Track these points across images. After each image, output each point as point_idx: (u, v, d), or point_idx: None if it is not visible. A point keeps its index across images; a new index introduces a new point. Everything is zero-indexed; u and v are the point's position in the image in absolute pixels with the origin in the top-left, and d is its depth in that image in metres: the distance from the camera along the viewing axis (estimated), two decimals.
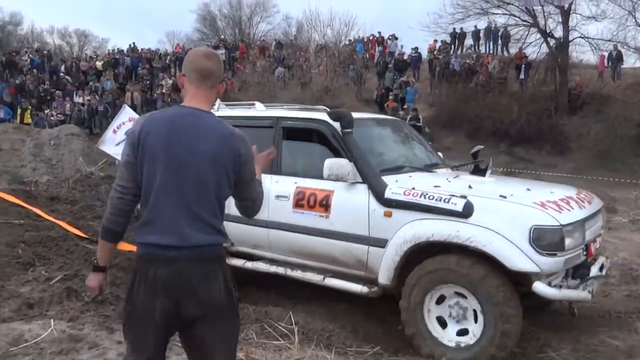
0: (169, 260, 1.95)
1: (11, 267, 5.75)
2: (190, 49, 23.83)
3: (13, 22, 49.67)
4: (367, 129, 4.82)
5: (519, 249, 3.36)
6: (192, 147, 1.99)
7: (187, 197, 1.98)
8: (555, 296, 3.49)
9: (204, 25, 47.75)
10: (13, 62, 27.81)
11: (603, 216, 4.33)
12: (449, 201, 3.58)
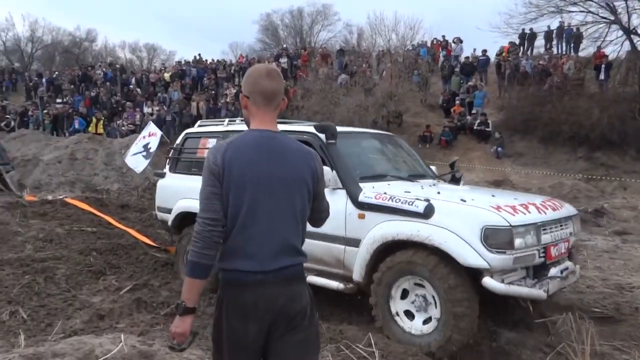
0: (256, 283, 1.93)
1: (83, 275, 5.77)
2: (254, 59, 24.13)
3: (89, 39, 52.47)
4: (352, 141, 5.22)
5: (471, 247, 3.66)
6: (277, 172, 2.00)
7: (274, 222, 1.99)
8: (503, 291, 3.70)
9: (266, 36, 48.52)
10: (88, 76, 29.25)
11: (574, 225, 4.47)
12: (412, 204, 3.91)
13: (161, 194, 6.23)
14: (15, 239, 6.99)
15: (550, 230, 4.05)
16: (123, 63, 42.45)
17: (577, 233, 4.63)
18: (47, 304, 4.66)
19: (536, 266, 3.97)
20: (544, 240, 3.94)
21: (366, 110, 16.62)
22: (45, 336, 3.96)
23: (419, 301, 3.98)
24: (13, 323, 4.20)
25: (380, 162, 5.45)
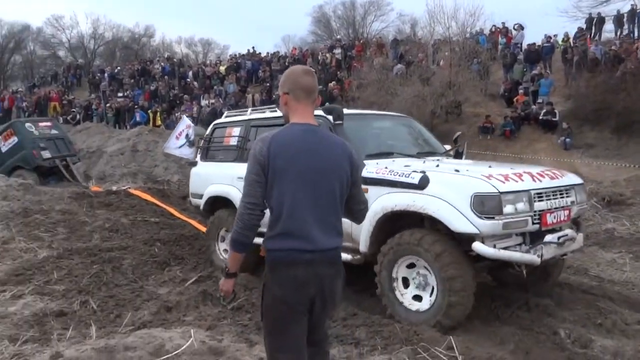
0: (306, 262, 2.19)
1: (149, 266, 5.79)
2: (307, 50, 24.00)
3: (147, 35, 54.05)
4: (361, 122, 5.55)
5: (462, 214, 3.83)
6: (319, 163, 2.22)
7: (318, 208, 2.22)
8: (493, 255, 3.84)
9: (318, 28, 48.38)
10: (147, 70, 30.06)
11: (577, 194, 4.50)
12: (408, 176, 4.12)
13: (194, 181, 6.63)
14: (83, 229, 7.15)
15: (547, 197, 4.14)
16: (179, 58, 43.42)
17: (582, 202, 4.65)
18: (115, 295, 4.67)
19: (533, 233, 4.06)
20: (538, 207, 4.03)
21: (424, 100, 16.10)
22: (115, 327, 3.94)
23: (419, 279, 4.18)
24: (84, 313, 4.22)
25: (388, 141, 5.65)
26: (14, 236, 6.33)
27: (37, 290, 4.60)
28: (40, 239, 6.37)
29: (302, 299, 2.21)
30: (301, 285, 2.20)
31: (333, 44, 26.79)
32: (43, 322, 3.94)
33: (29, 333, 3.68)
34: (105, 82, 29.64)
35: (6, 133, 12.54)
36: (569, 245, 4.25)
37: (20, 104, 28.28)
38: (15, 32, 51.77)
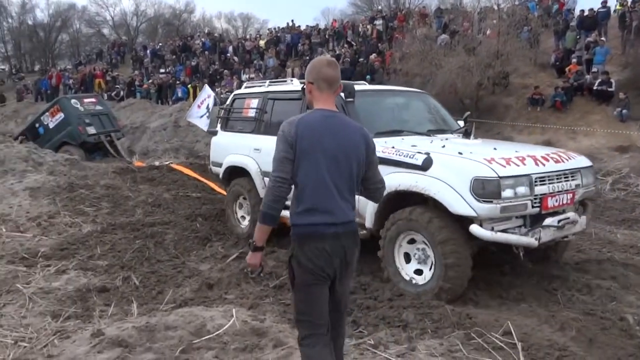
0: (333, 235, 2.38)
1: (190, 241, 5.74)
2: (348, 22, 23.44)
3: (187, 10, 54.29)
4: (373, 98, 5.53)
5: (461, 197, 3.88)
6: (340, 144, 2.42)
7: (339, 186, 2.41)
8: (489, 237, 3.90)
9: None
10: (188, 46, 30.17)
11: (584, 177, 4.46)
12: (413, 157, 4.19)
13: (214, 149, 6.85)
14: (127, 204, 7.18)
15: (550, 181, 4.15)
16: (220, 33, 43.44)
17: (589, 185, 4.57)
18: (157, 270, 4.63)
19: (533, 215, 4.08)
20: (539, 191, 4.05)
21: (469, 71, 15.43)
22: (156, 304, 3.89)
23: (420, 254, 4.28)
24: (126, 289, 4.18)
25: (400, 118, 5.70)
26: (60, 210, 6.41)
27: (80, 265, 4.60)
28: (84, 214, 6.43)
29: (329, 269, 2.41)
30: (330, 256, 2.39)
31: (374, 15, 26.07)
32: (86, 297, 3.93)
33: (71, 309, 3.67)
34: (148, 59, 29.98)
35: (53, 109, 12.79)
36: (569, 228, 4.25)
37: (67, 81, 28.99)
38: (62, 11, 52.96)
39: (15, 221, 5.95)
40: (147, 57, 30.41)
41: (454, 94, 15.41)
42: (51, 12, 52.86)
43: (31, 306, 3.68)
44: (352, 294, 4.17)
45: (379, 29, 23.30)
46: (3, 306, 3.70)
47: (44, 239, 5.39)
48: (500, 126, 14.60)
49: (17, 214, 6.25)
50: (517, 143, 6.13)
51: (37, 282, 4.11)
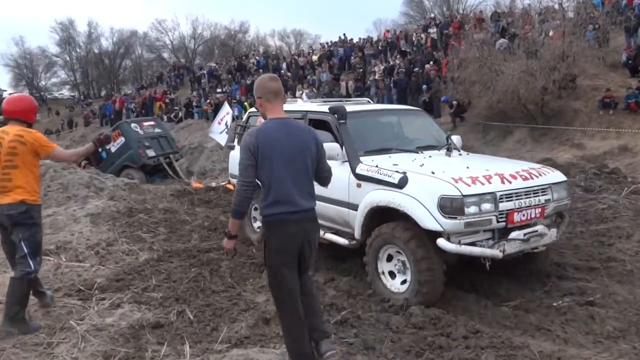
0: (296, 221, 2.97)
1: (246, 268, 5.53)
2: (401, 32, 23.00)
3: (242, 30, 55.65)
4: (365, 119, 5.90)
5: (430, 213, 4.24)
6: (294, 146, 2.95)
7: (298, 180, 2.97)
8: (454, 250, 4.23)
9: (410, 8, 46.84)
10: (243, 65, 30.72)
11: (555, 192, 4.73)
12: (391, 176, 4.61)
13: (231, 163, 7.32)
14: (184, 228, 7.10)
15: (517, 197, 4.45)
16: (273, 50, 44.07)
17: (561, 199, 4.83)
18: (212, 303, 4.41)
19: (501, 229, 4.42)
20: (505, 207, 4.37)
21: (532, 75, 14.61)
22: (211, 342, 3.65)
23: (399, 266, 4.64)
24: (180, 324, 3.99)
25: (390, 136, 6.04)
26: (118, 237, 6.38)
27: (135, 298, 4.46)
28: (142, 240, 6.37)
29: (293, 248, 3.00)
30: (292, 237, 2.99)
31: (427, 24, 25.54)
32: (139, 335, 3.75)
33: (123, 349, 3.49)
34: (205, 79, 30.72)
35: (114, 134, 13.16)
36: (537, 240, 4.53)
37: (129, 105, 30.15)
38: (125, 38, 55.63)
39: (75, 249, 5.95)
40: (204, 78, 31.17)
41: (517, 100, 14.65)
42: (115, 40, 55.68)
43: (83, 346, 3.54)
44: (421, 329, 3.80)
45: (434, 37, 22.74)
46: (56, 345, 3.58)
47: (101, 269, 5.32)
48: (569, 132, 13.70)
49: (78, 242, 6.27)
50: (499, 159, 6.35)
51: (90, 318, 3.98)
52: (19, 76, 57.28)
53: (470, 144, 15.02)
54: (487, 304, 4.55)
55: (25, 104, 4.06)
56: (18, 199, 3.76)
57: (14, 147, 3.76)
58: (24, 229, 3.80)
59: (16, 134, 3.80)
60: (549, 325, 3.94)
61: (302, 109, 6.24)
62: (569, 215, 5.49)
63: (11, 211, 3.75)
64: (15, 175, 3.77)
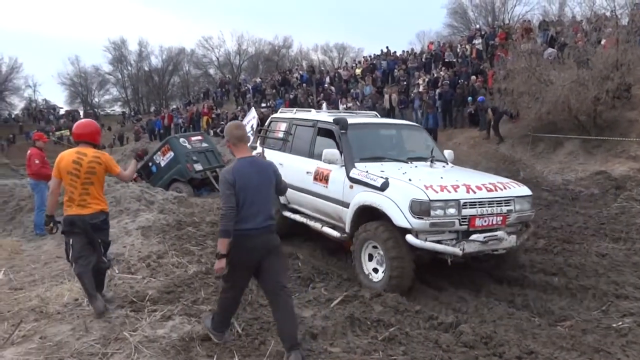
0: (258, 235, 3.72)
1: (292, 282, 5.55)
2: (445, 44, 22.72)
3: (285, 46, 56.58)
4: (362, 130, 6.66)
5: (403, 213, 5.06)
6: (261, 178, 3.81)
7: (261, 204, 3.77)
8: (418, 245, 5.02)
9: (454, 19, 46.41)
10: (287, 80, 31.15)
11: (518, 204, 5.35)
12: (376, 180, 5.44)
13: None
14: None
15: (481, 206, 5.15)
16: (316, 64, 44.50)
17: (524, 210, 5.43)
18: (260, 317, 4.44)
19: (464, 231, 5.11)
20: (468, 213, 5.08)
21: (584, 85, 14.11)
22: (259, 357, 3.68)
23: (379, 259, 5.39)
24: (228, 337, 4.02)
25: (385, 147, 6.82)
26: (168, 250, 6.53)
27: (185, 310, 4.54)
28: (190, 253, 6.50)
29: (252, 260, 3.74)
30: (254, 247, 3.71)
31: (472, 35, 25.18)
32: (189, 347, 3.81)
33: None
34: (250, 94, 31.30)
35: (164, 148, 13.54)
36: (495, 244, 5.16)
37: (177, 120, 31.04)
38: (173, 56, 57.51)
39: (127, 261, 6.13)
40: (249, 93, 31.76)
41: (568, 111, 14.16)
42: (164, 58, 57.67)
43: (136, 357, 3.62)
44: (472, 348, 3.71)
45: (479, 48, 22.38)
46: (111, 356, 3.68)
47: (152, 281, 5.46)
48: (624, 144, 13.13)
49: (130, 254, 6.46)
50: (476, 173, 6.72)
51: (143, 329, 4.08)
52: (74, 94, 60.15)
53: (519, 156, 14.65)
54: (540, 322, 4.39)
55: (93, 128, 4.76)
56: (98, 209, 4.53)
57: (93, 167, 4.49)
58: (103, 233, 4.60)
59: (94, 155, 4.54)
60: (608, 348, 3.77)
61: (314, 119, 7.16)
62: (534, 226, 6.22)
63: (94, 220, 4.49)
64: (92, 190, 4.50)
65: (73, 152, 4.55)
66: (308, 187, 6.64)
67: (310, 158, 6.73)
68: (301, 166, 6.80)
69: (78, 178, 4.45)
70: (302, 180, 6.71)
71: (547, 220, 8.25)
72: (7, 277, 5.97)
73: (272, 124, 8.09)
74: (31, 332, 4.09)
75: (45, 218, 4.72)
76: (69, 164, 4.45)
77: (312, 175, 6.53)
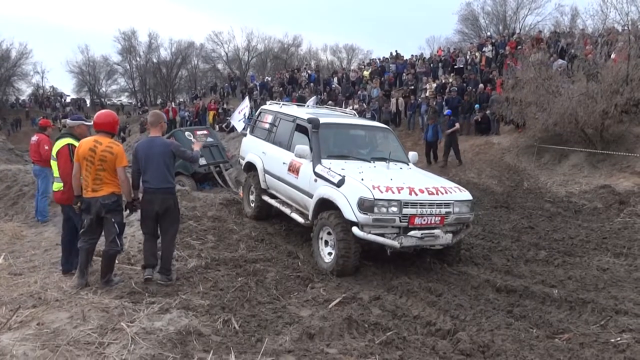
0: (152, 192, 5.14)
1: (292, 281, 5.55)
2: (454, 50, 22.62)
3: (295, 44, 56.49)
4: (333, 130, 7.35)
5: (352, 208, 5.72)
6: (151, 152, 5.15)
7: (153, 170, 5.12)
8: (362, 237, 5.69)
9: (465, 26, 46.27)
10: (294, 78, 31.12)
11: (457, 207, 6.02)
12: (334, 177, 6.13)
13: (242, 147, 9.32)
14: (231, 237, 7.20)
15: (421, 206, 5.80)
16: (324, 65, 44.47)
17: (462, 213, 6.08)
18: (257, 314, 4.44)
19: (404, 228, 5.77)
20: (407, 212, 5.73)
21: (593, 98, 14.07)
22: (255, 354, 3.67)
23: (332, 242, 6.03)
24: (226, 333, 4.03)
25: (351, 146, 7.40)
26: None
27: (183, 304, 4.54)
28: (191, 247, 6.50)
29: (152, 210, 5.15)
30: (150, 202, 5.14)
31: (482, 42, 25.12)
32: (186, 341, 3.80)
33: (171, 355, 3.55)
34: (257, 91, 31.27)
35: None
36: (431, 240, 5.87)
37: (183, 113, 31.04)
38: (182, 49, 57.45)
39: (127, 252, 6.13)
40: (256, 90, 31.73)
41: (575, 123, 14.10)
42: (173, 50, 57.55)
43: (133, 348, 3.62)
44: (469, 356, 3.69)
45: (488, 56, 22.33)
46: (107, 345, 3.68)
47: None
48: (630, 159, 13.08)
49: (130, 245, 6.47)
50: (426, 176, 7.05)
51: (140, 321, 4.08)
52: (82, 82, 60.16)
53: (523, 166, 14.61)
54: (538, 334, 4.37)
55: (111, 118, 5.18)
56: (110, 191, 4.96)
57: (105, 156, 4.91)
58: (116, 214, 5.03)
59: (108, 145, 4.95)
60: None
61: (294, 115, 7.85)
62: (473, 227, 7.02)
63: (106, 201, 4.93)
64: (104, 175, 4.94)
65: (91, 140, 4.99)
66: (283, 176, 7.39)
67: (287, 150, 7.42)
68: (280, 156, 7.56)
69: (92, 164, 4.89)
70: (279, 169, 7.51)
71: (549, 231, 8.22)
72: (7, 262, 5.99)
73: (261, 114, 8.89)
74: (29, 318, 4.09)
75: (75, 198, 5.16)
76: (86, 151, 4.90)
77: (287, 165, 7.25)
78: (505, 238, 7.83)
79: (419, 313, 4.65)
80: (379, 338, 3.92)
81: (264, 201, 8.05)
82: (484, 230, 8.27)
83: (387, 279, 5.83)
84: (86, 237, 5.04)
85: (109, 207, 4.94)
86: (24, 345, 3.53)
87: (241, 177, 15.97)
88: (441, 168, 15.26)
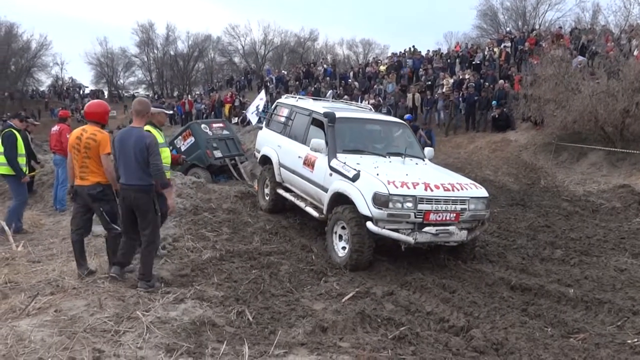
0: (125, 189, 4.78)
1: (305, 274, 5.58)
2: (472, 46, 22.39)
3: (311, 38, 56.46)
4: (349, 124, 7.30)
5: (366, 203, 5.69)
6: (126, 146, 4.74)
7: (125, 165, 4.76)
8: (376, 232, 5.66)
9: (483, 21, 45.80)
10: (310, 72, 31.09)
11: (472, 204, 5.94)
12: (349, 172, 6.13)
13: (258, 140, 9.31)
14: (246, 230, 7.24)
15: (437, 203, 5.73)
16: (341, 59, 44.35)
17: (478, 210, 6.01)
18: (271, 306, 4.47)
19: (419, 223, 5.71)
20: (423, 208, 5.67)
21: (613, 97, 13.83)
22: (268, 346, 3.69)
23: (345, 237, 6.00)
24: (240, 324, 4.06)
25: (367, 141, 7.33)
26: (184, 234, 6.59)
27: (197, 294, 4.58)
28: (206, 239, 6.55)
29: (127, 206, 4.79)
30: (123, 199, 4.80)
31: (501, 38, 24.81)
32: (200, 331, 3.84)
33: (185, 344, 3.58)
34: (273, 85, 31.31)
35: (185, 133, 13.61)
36: (446, 237, 5.82)
37: (199, 106, 31.21)
38: (199, 42, 57.72)
39: None
40: (272, 84, 31.77)
41: (594, 121, 13.89)
42: (190, 43, 57.86)
43: (148, 336, 3.67)
44: (482, 354, 3.67)
45: (508, 52, 22.06)
46: (123, 333, 3.73)
47: (167, 263, 5.52)
48: None
49: None
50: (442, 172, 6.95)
51: (155, 310, 4.13)
52: (100, 74, 60.76)
53: (541, 164, 14.44)
54: (553, 333, 4.33)
55: (102, 109, 5.16)
56: (95, 181, 4.90)
57: (89, 143, 4.86)
58: (104, 203, 4.95)
59: (92, 132, 4.90)
60: None
61: (310, 108, 7.81)
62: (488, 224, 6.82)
63: (91, 191, 4.90)
64: (90, 163, 4.88)
65: (79, 130, 5.01)
66: (298, 170, 7.39)
67: (303, 144, 7.45)
68: (295, 150, 7.58)
69: (79, 152, 4.89)
70: (295, 163, 7.50)
71: (566, 230, 8.13)
72: (26, 250, 6.09)
73: (277, 108, 8.90)
74: (47, 304, 4.16)
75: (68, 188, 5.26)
76: (73, 139, 4.96)
77: (302, 159, 7.26)
78: (521, 236, 7.76)
79: (432, 309, 4.64)
80: (391, 333, 3.92)
81: (278, 194, 8.06)
82: (499, 227, 8.20)
83: (400, 274, 5.82)
84: (76, 229, 5.01)
85: (94, 197, 4.88)
86: (42, 332, 3.60)
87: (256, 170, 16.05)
88: None
